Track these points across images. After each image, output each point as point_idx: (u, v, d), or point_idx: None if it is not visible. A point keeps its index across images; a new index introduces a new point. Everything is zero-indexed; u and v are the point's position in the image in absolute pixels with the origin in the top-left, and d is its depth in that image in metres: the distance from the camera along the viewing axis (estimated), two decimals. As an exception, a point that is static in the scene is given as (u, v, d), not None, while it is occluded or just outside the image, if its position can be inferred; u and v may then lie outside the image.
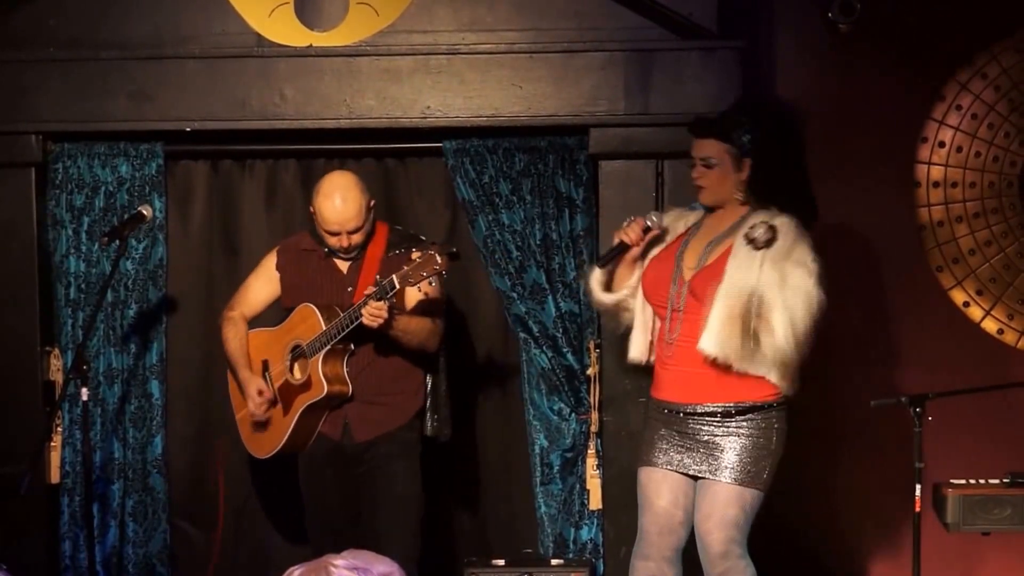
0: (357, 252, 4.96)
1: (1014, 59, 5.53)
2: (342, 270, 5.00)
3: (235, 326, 5.10)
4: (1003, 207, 5.59)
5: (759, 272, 4.40)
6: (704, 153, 4.58)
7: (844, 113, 5.54)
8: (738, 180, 4.55)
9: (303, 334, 4.92)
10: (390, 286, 4.64)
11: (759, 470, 4.46)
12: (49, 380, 5.38)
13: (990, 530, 4.81)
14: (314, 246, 5.02)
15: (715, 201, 4.60)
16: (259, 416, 5.01)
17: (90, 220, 5.41)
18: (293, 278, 5.04)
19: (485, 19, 5.31)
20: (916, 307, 5.57)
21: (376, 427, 4.95)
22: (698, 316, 4.46)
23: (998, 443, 5.49)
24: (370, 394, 4.93)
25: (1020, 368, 5.46)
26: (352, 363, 4.91)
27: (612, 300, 4.68)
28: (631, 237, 4.58)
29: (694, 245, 4.59)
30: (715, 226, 4.59)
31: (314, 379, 4.88)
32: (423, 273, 4.60)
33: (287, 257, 5.08)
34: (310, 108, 5.30)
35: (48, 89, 5.30)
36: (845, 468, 5.57)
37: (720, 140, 4.55)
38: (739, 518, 4.45)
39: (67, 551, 5.42)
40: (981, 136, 5.56)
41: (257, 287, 5.13)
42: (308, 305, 4.91)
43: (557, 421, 5.38)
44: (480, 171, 5.33)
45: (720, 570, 4.46)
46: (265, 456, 5.08)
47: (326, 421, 4.96)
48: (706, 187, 4.58)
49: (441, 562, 5.57)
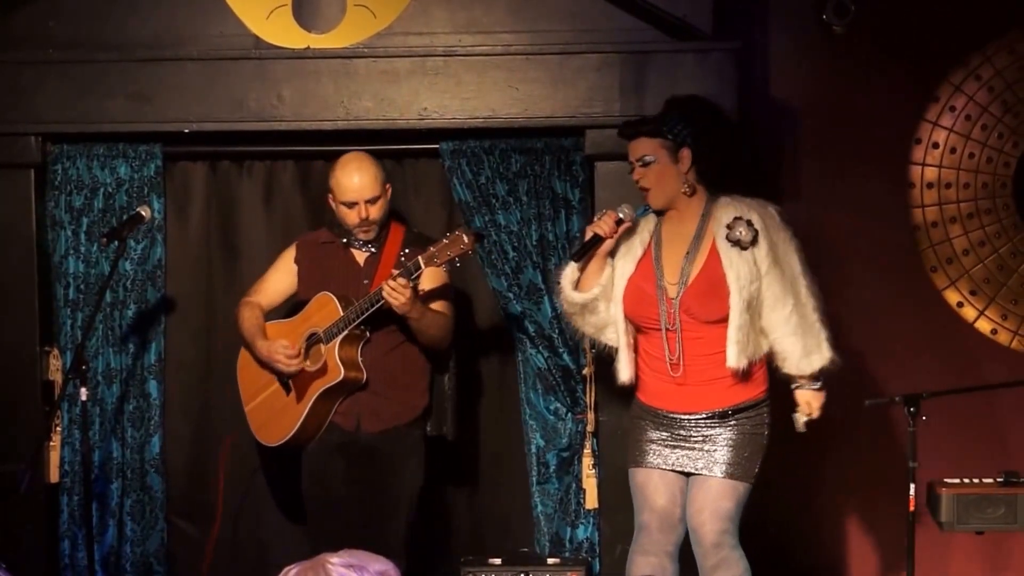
0: (375, 239, 5.00)
1: (1007, 60, 5.55)
2: (359, 262, 5.03)
3: (251, 309, 5.11)
4: (997, 208, 5.61)
5: (758, 272, 4.50)
6: (639, 153, 4.60)
7: (838, 114, 5.56)
8: (679, 173, 4.57)
9: (320, 322, 4.94)
10: (415, 267, 4.69)
11: (751, 464, 4.55)
12: (48, 380, 5.39)
13: (984, 529, 4.82)
14: (332, 238, 5.07)
15: (664, 201, 4.61)
16: (291, 370, 4.96)
17: (89, 221, 5.43)
18: (311, 270, 5.08)
19: (481, 21, 5.33)
20: (910, 307, 5.59)
21: (386, 420, 4.98)
22: (700, 333, 4.53)
23: (992, 442, 5.51)
24: (382, 385, 4.95)
25: (1013, 368, 5.47)
26: (367, 351, 4.94)
27: (582, 299, 4.66)
28: (604, 229, 4.58)
29: (668, 257, 4.60)
30: (679, 231, 4.61)
31: (330, 364, 4.90)
32: (449, 253, 4.64)
33: (305, 250, 5.13)
34: (308, 109, 5.32)
35: (47, 90, 5.31)
36: (839, 467, 5.58)
37: (651, 136, 4.58)
38: (731, 510, 4.52)
39: (66, 550, 5.43)
40: (975, 137, 5.58)
41: (275, 279, 5.16)
42: (326, 293, 4.94)
43: (553, 421, 5.40)
44: (477, 172, 5.35)
45: (714, 561, 4.52)
46: (276, 443, 5.06)
47: (339, 411, 4.98)
48: (650, 187, 4.59)
49: (438, 561, 5.59)
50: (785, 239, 4.59)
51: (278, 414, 5.06)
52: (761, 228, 4.53)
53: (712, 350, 4.53)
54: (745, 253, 4.50)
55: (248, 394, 5.18)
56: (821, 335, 4.57)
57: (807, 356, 4.55)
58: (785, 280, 4.53)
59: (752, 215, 4.54)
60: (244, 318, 5.10)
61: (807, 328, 4.54)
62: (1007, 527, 4.78)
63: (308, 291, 5.05)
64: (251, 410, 5.18)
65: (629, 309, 4.62)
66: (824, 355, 4.57)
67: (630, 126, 4.68)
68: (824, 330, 4.57)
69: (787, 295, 4.52)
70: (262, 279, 5.20)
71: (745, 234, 4.50)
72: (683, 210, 4.61)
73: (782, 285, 4.52)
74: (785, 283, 4.53)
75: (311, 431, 5.01)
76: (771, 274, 4.51)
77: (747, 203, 4.59)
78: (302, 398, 4.99)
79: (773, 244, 4.54)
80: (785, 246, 4.57)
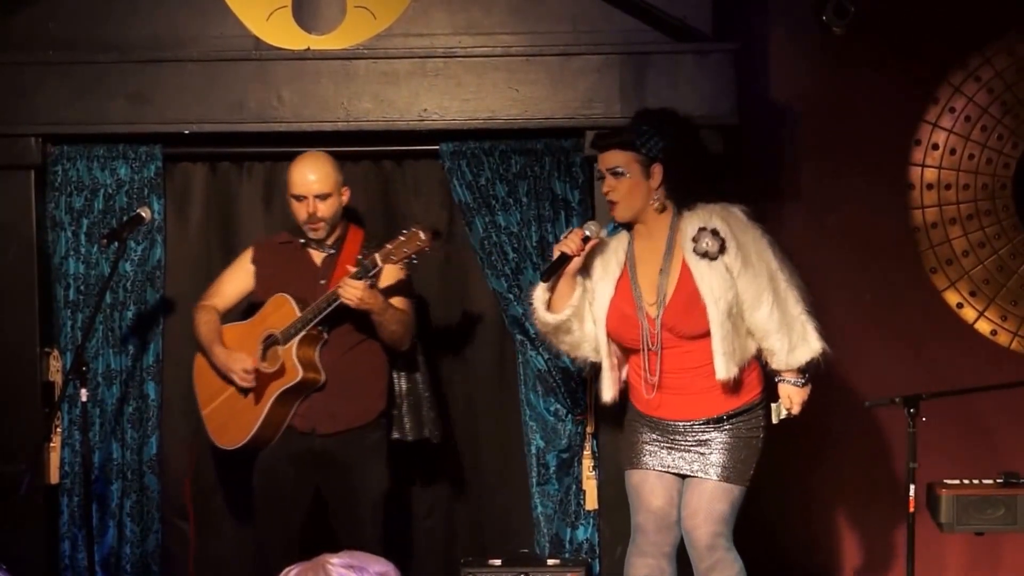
0: (332, 241, 5.01)
1: (1007, 62, 5.55)
2: (316, 262, 5.05)
3: (207, 313, 5.12)
4: (996, 209, 5.61)
5: (732, 278, 4.46)
6: (611, 164, 4.56)
7: (838, 115, 5.56)
8: (649, 188, 4.53)
9: (276, 323, 4.95)
10: (372, 264, 4.72)
11: (746, 467, 4.54)
12: (48, 381, 5.40)
13: (984, 530, 4.82)
14: (290, 239, 5.09)
15: (630, 215, 4.57)
16: (247, 386, 4.97)
17: (89, 222, 5.43)
18: (268, 270, 5.09)
19: (481, 22, 5.34)
20: (910, 308, 5.60)
21: (342, 422, 4.97)
22: (687, 348, 4.50)
23: (991, 443, 5.52)
24: (339, 387, 4.95)
25: (1013, 369, 5.47)
26: (325, 353, 4.94)
27: (555, 320, 4.63)
28: (571, 248, 4.54)
29: (644, 276, 4.57)
30: (651, 248, 4.57)
31: (288, 365, 4.90)
32: (406, 250, 4.65)
33: (263, 251, 5.14)
34: (307, 111, 5.32)
35: (47, 92, 5.32)
36: (839, 468, 5.59)
37: (624, 149, 4.54)
38: (726, 513, 4.52)
39: (66, 551, 5.44)
40: (974, 138, 5.58)
41: (232, 280, 5.17)
42: (282, 294, 4.96)
43: (553, 422, 5.40)
44: (477, 173, 5.35)
45: (708, 563, 4.51)
46: (233, 447, 5.06)
47: (296, 413, 4.98)
48: (618, 200, 4.55)
49: (438, 562, 5.60)
50: (754, 237, 4.54)
51: (236, 417, 5.05)
52: (727, 233, 4.48)
53: (701, 362, 4.51)
54: (715, 263, 4.46)
55: (205, 397, 5.18)
56: (807, 327, 4.53)
57: (793, 351, 4.52)
58: (761, 279, 4.48)
59: (715, 222, 4.49)
60: (201, 323, 5.10)
61: (790, 323, 4.51)
62: (1007, 528, 4.78)
63: (265, 292, 5.05)
64: (208, 414, 5.17)
65: (613, 332, 4.60)
66: (812, 346, 4.53)
67: (603, 137, 4.65)
68: (810, 321, 4.53)
69: (765, 293, 4.48)
70: (218, 281, 5.20)
71: (711, 244, 4.45)
72: (651, 225, 4.57)
73: (758, 285, 4.48)
74: (761, 282, 4.48)
75: (269, 433, 5.00)
76: (744, 276, 4.47)
77: (710, 210, 4.53)
78: (260, 400, 4.98)
79: (741, 245, 4.49)
80: (756, 244, 4.53)
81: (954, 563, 5.52)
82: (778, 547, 5.37)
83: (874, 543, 5.61)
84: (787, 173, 5.60)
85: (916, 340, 5.58)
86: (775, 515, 5.29)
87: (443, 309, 5.58)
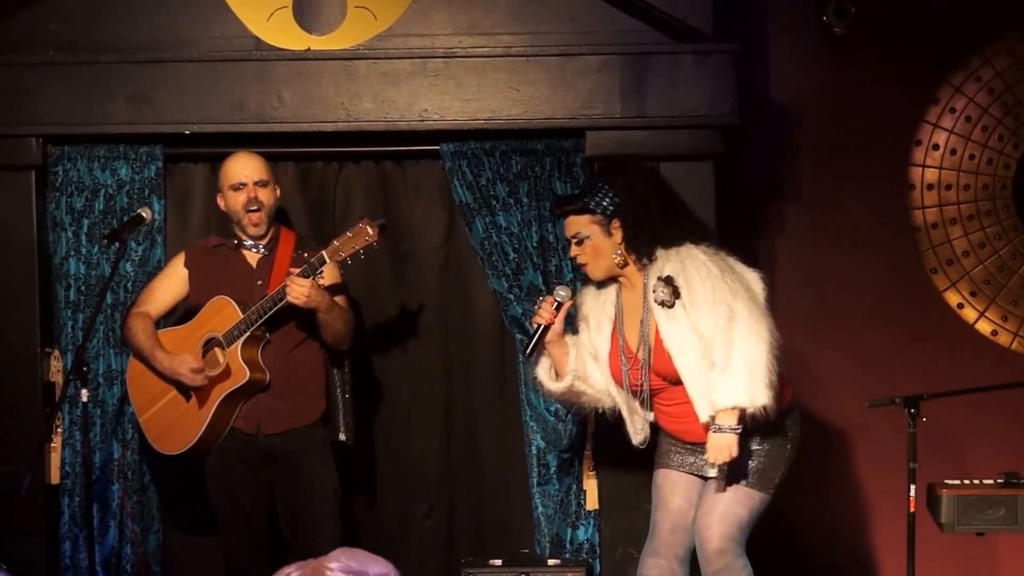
0: (266, 241, 5.01)
1: (1007, 62, 5.55)
2: (251, 264, 5.04)
3: (142, 319, 5.08)
4: (997, 209, 5.62)
5: (693, 322, 4.36)
6: (572, 231, 4.55)
7: (838, 116, 5.57)
8: (614, 245, 4.50)
9: (218, 326, 4.93)
10: (320, 262, 4.70)
11: (773, 476, 4.49)
12: (49, 381, 5.40)
13: (984, 530, 4.81)
14: (221, 241, 5.09)
15: (602, 274, 4.55)
16: (197, 384, 4.92)
17: (90, 222, 5.43)
18: (202, 273, 5.07)
19: (482, 23, 5.34)
20: (910, 309, 5.60)
21: (285, 421, 4.97)
22: (675, 389, 4.46)
23: (992, 444, 5.52)
24: (281, 387, 4.95)
25: (1013, 369, 5.48)
26: (267, 353, 4.93)
27: (561, 388, 4.63)
28: (545, 317, 4.52)
29: (629, 329, 4.54)
30: (632, 300, 4.54)
31: (234, 366, 4.89)
32: (354, 245, 4.64)
33: (195, 254, 5.13)
34: (308, 111, 5.32)
35: (48, 92, 5.32)
36: (840, 468, 5.59)
37: (580, 213, 4.52)
38: (743, 518, 4.45)
39: (67, 551, 5.44)
40: (975, 139, 5.58)
41: (164, 286, 5.14)
42: (223, 297, 4.94)
43: (554, 422, 5.40)
44: (477, 174, 5.35)
45: (716, 568, 4.44)
46: (176, 452, 5.04)
47: (240, 415, 4.96)
48: (587, 263, 4.54)
49: (438, 562, 5.60)
50: (710, 275, 4.35)
51: (178, 422, 5.02)
52: (682, 277, 4.38)
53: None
54: (674, 311, 4.38)
55: (142, 404, 5.14)
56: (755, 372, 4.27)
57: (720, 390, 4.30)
58: (717, 318, 4.32)
59: (669, 267, 4.40)
60: (139, 330, 5.06)
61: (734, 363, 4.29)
62: (1007, 528, 4.78)
63: (200, 296, 5.03)
64: (146, 420, 5.13)
65: (619, 382, 4.58)
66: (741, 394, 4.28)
67: (558, 206, 4.66)
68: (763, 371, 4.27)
69: (719, 333, 4.33)
70: (149, 288, 5.18)
71: (665, 293, 4.38)
72: (631, 277, 4.53)
73: (712, 323, 4.32)
74: (718, 320, 4.32)
75: (214, 437, 4.97)
76: (695, 316, 4.35)
77: (668, 255, 4.43)
78: (204, 403, 4.95)
79: (691, 287, 4.36)
80: (713, 282, 4.34)
81: (954, 563, 5.52)
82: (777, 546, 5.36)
83: (874, 543, 5.61)
84: (787, 173, 5.61)
85: (916, 340, 5.58)
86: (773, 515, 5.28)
87: (443, 309, 5.59)
